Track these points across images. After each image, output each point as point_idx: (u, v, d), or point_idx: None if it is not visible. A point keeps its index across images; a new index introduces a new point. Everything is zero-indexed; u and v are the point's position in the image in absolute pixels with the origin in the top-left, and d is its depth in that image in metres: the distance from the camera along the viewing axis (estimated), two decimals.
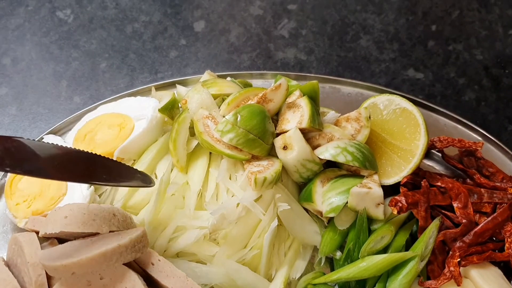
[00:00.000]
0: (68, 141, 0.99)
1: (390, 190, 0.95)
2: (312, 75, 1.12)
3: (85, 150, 0.80)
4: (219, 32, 1.26)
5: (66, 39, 1.26)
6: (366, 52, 1.22)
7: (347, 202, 0.89)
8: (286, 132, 0.93)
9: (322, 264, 0.93)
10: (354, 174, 0.96)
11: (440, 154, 1.02)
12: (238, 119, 0.90)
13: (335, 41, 1.24)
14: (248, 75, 1.13)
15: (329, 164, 0.97)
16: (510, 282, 0.89)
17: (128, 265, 0.81)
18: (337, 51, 1.23)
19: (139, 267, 0.83)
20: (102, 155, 0.93)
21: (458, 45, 1.24)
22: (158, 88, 1.09)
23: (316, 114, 0.95)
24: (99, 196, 0.95)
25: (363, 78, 1.18)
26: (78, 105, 1.15)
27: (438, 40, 1.24)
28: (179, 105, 0.98)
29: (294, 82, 1.06)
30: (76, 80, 1.20)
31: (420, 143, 0.94)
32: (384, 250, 0.90)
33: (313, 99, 0.99)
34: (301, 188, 0.96)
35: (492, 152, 1.02)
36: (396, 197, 0.90)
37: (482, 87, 1.17)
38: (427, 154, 1.04)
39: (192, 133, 0.95)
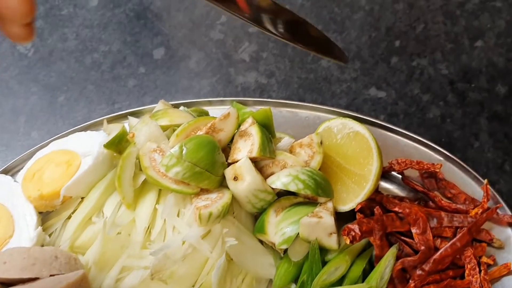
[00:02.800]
0: (19, 180, 0.97)
1: (350, 217, 0.92)
2: (270, 100, 1.10)
3: None
4: (179, 59, 1.25)
5: (26, 73, 1.25)
6: (327, 73, 1.20)
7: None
8: (237, 162, 0.91)
9: None
10: (310, 201, 0.93)
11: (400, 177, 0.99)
12: (184, 151, 0.87)
13: (296, 63, 1.22)
14: (207, 103, 1.11)
15: (289, 191, 0.95)
16: None
17: None
18: (298, 73, 1.20)
19: None
20: (49, 194, 0.93)
21: (422, 60, 1.21)
22: (113, 119, 1.07)
23: (267, 142, 0.92)
24: (49, 235, 0.93)
25: (323, 100, 1.15)
26: (35, 141, 1.14)
27: (402, 56, 1.22)
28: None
29: (248, 109, 1.04)
30: (34, 115, 1.18)
31: (373, 168, 0.91)
32: (340, 281, 0.87)
33: (266, 126, 0.96)
34: (257, 219, 0.93)
35: (454, 172, 0.99)
36: (349, 225, 0.87)
37: (447, 103, 1.14)
38: (388, 177, 1.01)
39: (141, 167, 0.93)
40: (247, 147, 0.92)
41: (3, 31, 0.48)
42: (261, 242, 0.92)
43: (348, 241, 0.85)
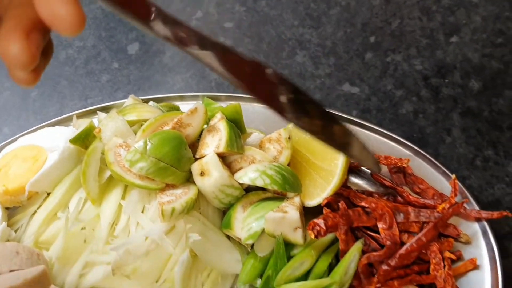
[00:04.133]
0: None
1: (318, 212, 0.91)
2: (243, 95, 1.09)
3: None
4: (153, 54, 1.24)
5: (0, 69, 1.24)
6: (301, 68, 1.19)
7: None
8: (204, 157, 0.90)
9: None
10: (279, 196, 0.93)
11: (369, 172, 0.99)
12: (148, 147, 0.87)
13: (271, 58, 1.22)
14: (179, 98, 1.10)
15: (259, 187, 0.94)
16: None
17: None
18: (273, 68, 1.20)
19: None
20: (15, 189, 0.92)
21: (397, 55, 1.20)
22: (83, 115, 1.06)
23: (235, 137, 0.92)
24: (15, 231, 0.92)
25: None
26: (6, 136, 1.13)
27: (377, 52, 1.21)
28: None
29: (218, 104, 1.04)
30: (6, 110, 1.18)
31: (339, 163, 0.91)
32: (305, 276, 0.87)
33: (236, 121, 0.96)
34: (225, 214, 0.93)
35: (424, 168, 0.98)
36: (315, 220, 0.87)
37: (421, 98, 1.14)
38: (358, 173, 1.00)
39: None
40: (214, 142, 0.91)
41: (9, 73, 0.46)
42: (229, 238, 0.92)
43: (313, 236, 0.85)
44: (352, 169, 0.99)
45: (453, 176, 0.92)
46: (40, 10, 0.42)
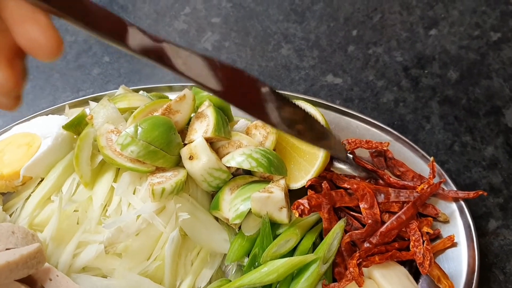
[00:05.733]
0: None
1: (303, 195, 0.95)
2: None
3: None
4: None
5: None
6: (286, 61, 1.24)
7: None
8: (193, 142, 0.94)
9: (234, 271, 0.93)
10: (265, 180, 0.97)
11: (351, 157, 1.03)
12: (139, 131, 0.90)
13: (257, 52, 1.26)
14: (167, 88, 1.14)
15: (246, 172, 0.98)
16: (417, 281, 0.90)
17: (25, 281, 0.80)
18: (259, 61, 1.24)
19: (38, 283, 0.83)
20: (10, 174, 0.95)
21: (378, 48, 1.25)
22: (76, 105, 1.10)
23: (222, 123, 0.95)
24: (10, 216, 0.95)
25: (282, 86, 1.19)
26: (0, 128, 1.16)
27: (359, 45, 1.26)
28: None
29: (205, 93, 1.07)
30: None
31: None
32: (291, 253, 0.91)
33: (223, 108, 1.00)
34: (213, 198, 0.97)
35: (404, 152, 1.02)
36: (299, 200, 0.91)
37: (401, 88, 1.19)
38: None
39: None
40: (202, 128, 0.95)
41: None
42: (217, 220, 0.95)
43: (297, 215, 0.89)
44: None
45: (432, 158, 0.96)
46: (18, 37, 0.42)
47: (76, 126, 0.97)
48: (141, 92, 1.07)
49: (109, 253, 0.86)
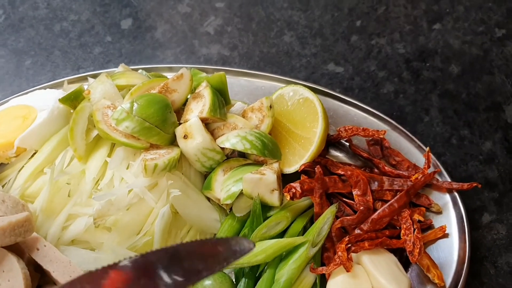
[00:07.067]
0: None
1: (297, 179, 0.95)
2: (229, 68, 1.13)
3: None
4: (145, 29, 1.28)
5: None
6: (288, 48, 1.23)
7: None
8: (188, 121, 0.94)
9: None
10: (259, 163, 0.96)
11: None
12: (135, 107, 0.90)
13: (259, 38, 1.25)
14: (167, 69, 1.13)
15: (241, 155, 0.98)
16: (407, 270, 0.89)
17: (13, 249, 0.81)
18: (260, 47, 1.24)
19: (25, 253, 0.83)
20: (4, 144, 0.95)
21: (381, 39, 1.24)
22: (75, 81, 1.10)
23: (219, 104, 0.95)
24: (2, 186, 0.95)
25: (283, 73, 1.19)
26: None
27: (362, 35, 1.25)
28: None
29: (204, 74, 1.07)
30: (0, 77, 1.21)
31: (318, 131, 0.95)
32: (281, 236, 0.90)
33: (220, 90, 0.99)
34: (206, 178, 0.96)
35: (400, 142, 1.02)
36: (291, 183, 0.90)
37: (402, 79, 1.18)
38: (337, 146, 1.04)
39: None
40: (198, 107, 0.95)
41: None
42: (209, 200, 0.95)
43: (288, 198, 0.88)
44: (331, 142, 1.03)
45: (427, 148, 0.96)
46: None
47: (73, 100, 0.97)
48: (140, 71, 1.07)
49: (98, 227, 0.86)
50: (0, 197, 0.84)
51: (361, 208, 0.90)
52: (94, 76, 1.10)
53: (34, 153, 0.96)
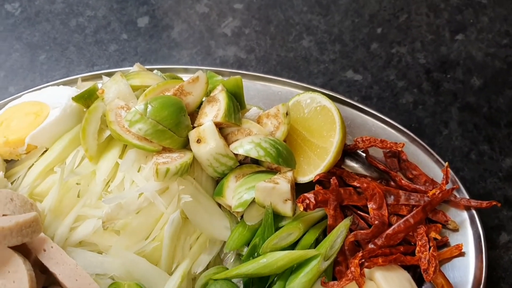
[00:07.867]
0: None
1: (311, 189, 0.92)
2: (246, 72, 1.11)
3: None
4: (162, 28, 1.26)
5: (11, 31, 1.27)
6: (306, 53, 1.21)
7: None
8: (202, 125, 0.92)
9: (232, 260, 0.91)
10: (272, 170, 0.94)
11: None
12: (149, 109, 0.88)
13: (277, 41, 1.23)
14: (183, 70, 1.12)
15: (254, 161, 0.96)
16: (421, 287, 0.87)
17: (20, 250, 0.79)
18: (278, 50, 1.22)
19: (32, 253, 0.81)
20: (15, 141, 0.93)
21: (402, 48, 1.22)
22: (89, 78, 1.08)
23: (234, 108, 0.93)
24: (12, 183, 0.94)
25: (300, 78, 1.17)
26: (11, 95, 1.14)
27: (382, 43, 1.23)
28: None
29: (219, 78, 1.05)
30: (14, 71, 1.20)
31: (335, 141, 0.92)
32: (292, 247, 0.88)
33: (236, 94, 0.97)
34: (217, 183, 0.94)
35: (418, 155, 0.99)
36: (306, 194, 0.88)
37: (421, 90, 1.15)
38: (354, 156, 1.01)
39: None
40: (213, 112, 0.93)
41: None
42: (220, 207, 0.93)
43: (301, 208, 0.86)
44: (348, 152, 1.00)
45: (446, 163, 0.93)
46: None
47: (86, 99, 0.95)
48: (155, 71, 1.06)
49: (107, 229, 0.85)
50: (8, 196, 0.83)
51: (376, 222, 0.88)
52: (109, 74, 1.08)
53: (45, 151, 0.95)
